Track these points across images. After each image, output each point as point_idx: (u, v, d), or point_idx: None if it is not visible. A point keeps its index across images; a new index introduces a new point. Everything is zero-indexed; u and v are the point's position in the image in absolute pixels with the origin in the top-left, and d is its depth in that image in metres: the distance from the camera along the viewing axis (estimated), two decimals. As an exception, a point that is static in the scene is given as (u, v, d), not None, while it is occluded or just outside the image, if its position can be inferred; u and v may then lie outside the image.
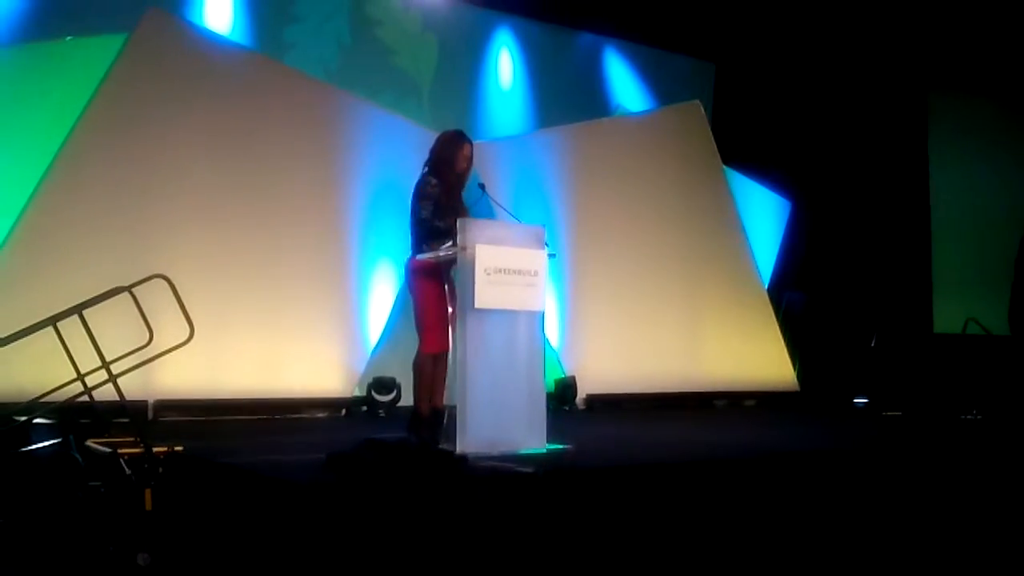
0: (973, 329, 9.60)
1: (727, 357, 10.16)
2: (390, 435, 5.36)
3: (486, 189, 5.57)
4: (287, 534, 3.61)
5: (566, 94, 10.93)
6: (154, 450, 4.50)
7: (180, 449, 4.76)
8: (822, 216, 11.69)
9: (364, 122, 8.75)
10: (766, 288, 11.12)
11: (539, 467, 4.36)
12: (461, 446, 4.63)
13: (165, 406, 7.23)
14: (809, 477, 4.92)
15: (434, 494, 3.81)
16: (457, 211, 5.24)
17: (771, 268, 11.57)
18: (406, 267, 5.38)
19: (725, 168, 11.06)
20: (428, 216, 5.20)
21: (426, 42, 10.16)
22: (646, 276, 9.95)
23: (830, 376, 10.84)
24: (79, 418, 5.18)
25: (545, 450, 4.92)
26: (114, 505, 4.19)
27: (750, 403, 10.32)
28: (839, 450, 5.87)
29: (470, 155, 5.46)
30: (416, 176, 5.46)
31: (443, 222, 5.15)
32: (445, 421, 4.88)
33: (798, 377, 10.84)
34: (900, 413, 8.98)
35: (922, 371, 10.38)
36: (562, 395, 9.00)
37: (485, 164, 8.40)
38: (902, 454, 5.78)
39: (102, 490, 4.27)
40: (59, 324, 4.80)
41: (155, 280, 5.17)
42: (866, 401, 10.28)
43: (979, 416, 8.27)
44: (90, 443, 4.82)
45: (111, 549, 3.96)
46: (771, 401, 10.37)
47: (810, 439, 6.83)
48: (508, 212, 6.00)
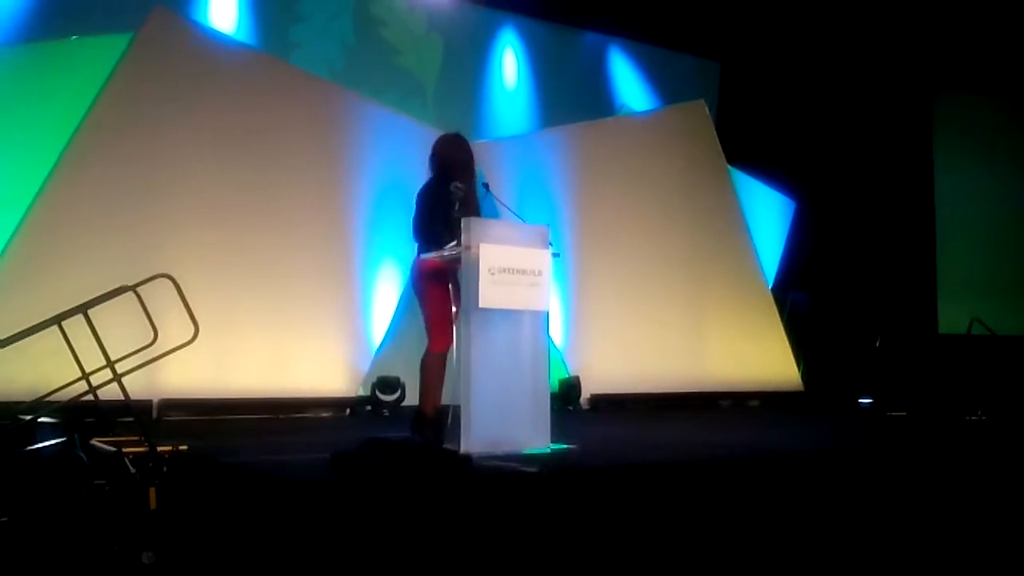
0: (978, 330, 9.58)
1: (731, 357, 10.15)
2: (394, 435, 5.35)
3: (490, 188, 5.58)
4: (291, 533, 3.62)
5: (570, 93, 10.94)
6: (158, 449, 4.50)
7: (184, 448, 4.76)
8: (827, 216, 11.67)
9: (369, 121, 8.75)
10: (770, 288, 11.10)
11: (543, 467, 4.36)
12: (465, 446, 4.64)
13: (169, 405, 7.24)
14: (813, 478, 4.91)
15: (438, 494, 3.81)
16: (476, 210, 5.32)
17: (775, 268, 11.57)
18: (413, 267, 5.38)
19: (730, 168, 11.04)
20: (458, 215, 5.18)
21: (431, 41, 10.17)
22: (650, 276, 9.94)
23: (834, 376, 10.83)
24: (84, 417, 5.20)
25: (549, 450, 4.92)
26: (118, 504, 4.20)
27: (754, 403, 10.30)
28: (843, 450, 5.86)
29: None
30: (421, 175, 5.46)
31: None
32: (450, 421, 4.88)
33: (802, 377, 10.83)
34: (905, 413, 8.96)
35: (927, 371, 10.38)
36: (566, 395, 9.00)
37: (489, 164, 8.41)
38: (907, 455, 5.77)
39: (107, 489, 4.28)
40: (64, 323, 4.80)
41: (160, 279, 5.17)
42: (870, 401, 10.26)
43: (984, 417, 8.25)
44: (95, 442, 4.83)
45: (115, 548, 3.97)
46: (775, 401, 10.35)
47: (814, 439, 6.81)
48: (512, 212, 5.99)
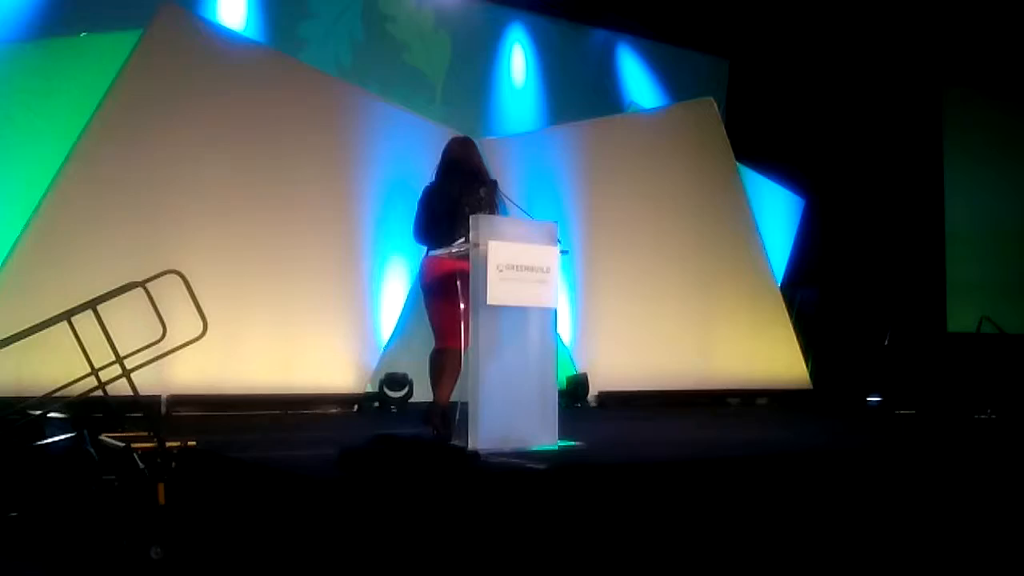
0: (987, 328, 9.55)
1: (740, 355, 10.12)
2: (402, 431, 5.36)
3: (498, 186, 5.58)
4: (299, 529, 3.62)
5: (579, 91, 10.92)
6: (167, 445, 4.51)
7: (193, 444, 4.77)
8: (836, 213, 11.64)
9: (377, 118, 8.74)
10: (779, 285, 11.07)
11: (551, 464, 4.36)
12: (473, 442, 4.64)
13: (178, 401, 7.25)
14: (822, 476, 4.90)
15: (446, 490, 3.82)
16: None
17: (784, 265, 11.53)
18: (421, 267, 5.41)
19: (739, 165, 11.02)
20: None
21: (439, 38, 10.15)
22: (659, 273, 9.92)
23: (843, 374, 10.80)
24: (93, 413, 5.20)
25: (557, 447, 4.92)
26: (127, 499, 4.21)
27: (762, 401, 10.28)
28: (852, 449, 5.85)
29: None
30: (429, 172, 5.49)
31: None
32: (457, 418, 4.89)
33: (811, 375, 10.79)
34: (913, 412, 8.94)
35: (936, 370, 10.34)
36: (574, 392, 8.99)
37: (498, 161, 8.42)
38: (915, 453, 5.76)
39: (116, 484, 4.28)
40: (73, 319, 4.81)
41: (169, 275, 5.17)
42: (879, 399, 10.23)
43: (993, 415, 8.22)
44: (104, 437, 4.83)
45: (124, 543, 3.98)
46: (784, 399, 10.32)
47: (822, 438, 6.80)
48: (521, 209, 5.99)
